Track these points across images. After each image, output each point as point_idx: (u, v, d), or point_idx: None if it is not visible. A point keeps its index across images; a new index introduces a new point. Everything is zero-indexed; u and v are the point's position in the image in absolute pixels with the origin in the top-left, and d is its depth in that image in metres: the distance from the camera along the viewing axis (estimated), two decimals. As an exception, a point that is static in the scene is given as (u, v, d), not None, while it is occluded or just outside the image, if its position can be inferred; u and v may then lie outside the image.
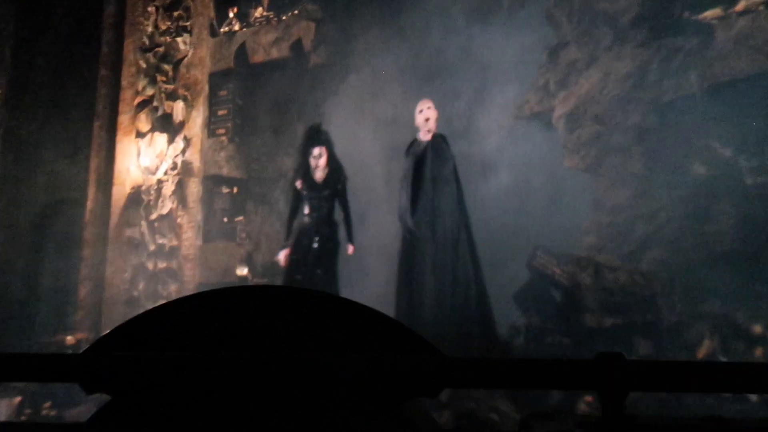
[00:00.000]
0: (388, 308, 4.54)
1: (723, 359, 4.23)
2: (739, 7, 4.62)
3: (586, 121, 5.23)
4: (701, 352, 4.38)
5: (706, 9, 4.78)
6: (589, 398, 3.89)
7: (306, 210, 5.07)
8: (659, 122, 4.91)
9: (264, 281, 6.49)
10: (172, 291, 6.82)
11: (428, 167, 4.61)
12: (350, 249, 5.07)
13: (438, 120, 4.76)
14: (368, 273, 5.64)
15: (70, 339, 6.78)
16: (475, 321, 4.56)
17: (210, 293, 1.37)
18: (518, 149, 5.67)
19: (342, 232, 5.12)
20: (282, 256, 5.09)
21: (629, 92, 5.04)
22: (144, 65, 7.52)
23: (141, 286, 6.97)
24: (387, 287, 4.81)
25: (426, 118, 4.72)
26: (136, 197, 7.26)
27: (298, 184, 5.16)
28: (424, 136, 4.73)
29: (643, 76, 4.98)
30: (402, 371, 1.22)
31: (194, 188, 6.99)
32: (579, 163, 5.26)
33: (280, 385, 1.22)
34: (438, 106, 4.83)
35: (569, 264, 4.89)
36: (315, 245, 4.98)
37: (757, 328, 4.26)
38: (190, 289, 6.69)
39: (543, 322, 4.88)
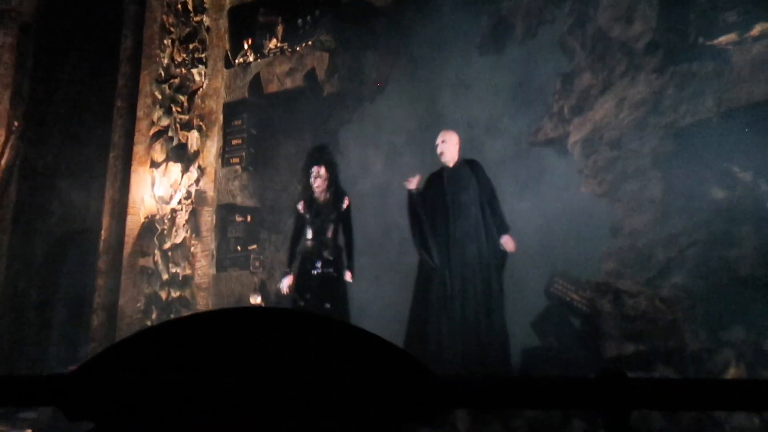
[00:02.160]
0: (398, 336, 4.48)
1: (751, 388, 4.10)
2: (755, 32, 4.61)
3: (602, 147, 5.20)
4: (727, 380, 4.26)
5: (720, 34, 4.77)
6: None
7: (309, 234, 4.87)
8: (676, 147, 4.86)
9: (278, 310, 6.42)
10: (185, 320, 6.77)
11: (447, 196, 4.59)
12: (348, 275, 4.79)
13: (456, 148, 4.75)
14: (379, 301, 5.58)
15: (82, 370, 6.70)
16: (492, 350, 4.48)
17: (206, 314, 1.31)
18: (534, 175, 5.66)
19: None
20: (285, 283, 4.88)
21: (645, 118, 5.01)
22: (159, 96, 7.61)
23: (154, 315, 6.93)
24: (400, 315, 4.74)
25: (441, 151, 4.72)
26: (150, 226, 7.27)
27: (300, 206, 4.96)
28: (446, 164, 4.71)
29: (658, 101, 4.95)
30: (382, 390, 1.11)
31: (208, 217, 7.00)
32: (596, 189, 5.21)
33: (265, 409, 1.15)
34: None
35: (588, 290, 4.81)
36: (317, 271, 4.77)
37: (785, 355, 4.16)
38: (203, 319, 6.64)
39: (562, 351, 4.79)
